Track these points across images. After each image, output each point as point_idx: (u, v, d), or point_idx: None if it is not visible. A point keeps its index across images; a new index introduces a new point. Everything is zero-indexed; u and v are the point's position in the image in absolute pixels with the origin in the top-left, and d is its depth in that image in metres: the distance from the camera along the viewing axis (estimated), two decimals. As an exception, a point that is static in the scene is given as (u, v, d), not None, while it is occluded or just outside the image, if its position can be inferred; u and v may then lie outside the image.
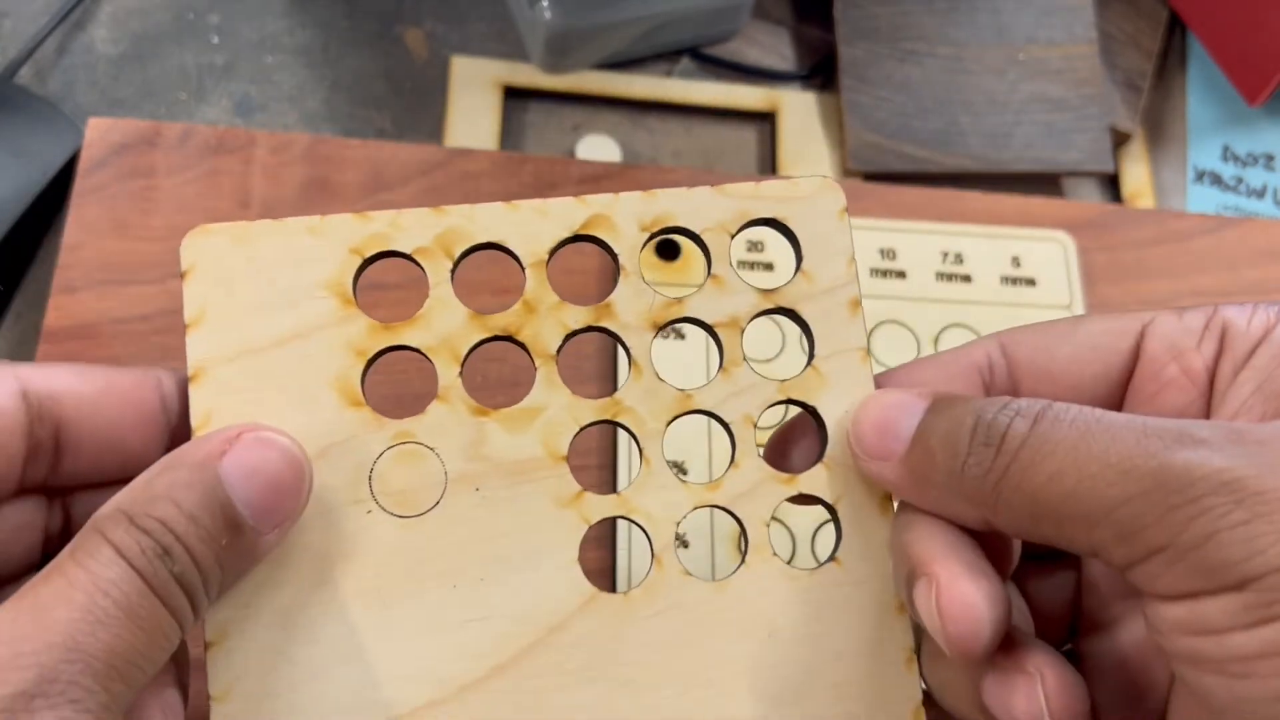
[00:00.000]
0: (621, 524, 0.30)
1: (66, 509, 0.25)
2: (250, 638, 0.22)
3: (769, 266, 0.39)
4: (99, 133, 0.40)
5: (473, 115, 0.47)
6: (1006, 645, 0.21)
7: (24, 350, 0.41)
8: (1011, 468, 0.20)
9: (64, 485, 0.24)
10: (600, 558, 0.35)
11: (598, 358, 0.37)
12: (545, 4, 0.46)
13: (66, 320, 0.37)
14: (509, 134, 0.48)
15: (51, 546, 0.24)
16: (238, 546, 0.21)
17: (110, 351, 0.37)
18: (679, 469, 0.35)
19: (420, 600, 0.23)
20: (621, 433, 0.25)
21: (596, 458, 0.36)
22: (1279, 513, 0.17)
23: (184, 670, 0.23)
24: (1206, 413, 0.23)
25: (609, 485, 0.34)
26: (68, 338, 0.37)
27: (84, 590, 0.19)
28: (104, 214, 0.39)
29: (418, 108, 0.48)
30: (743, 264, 0.39)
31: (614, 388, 0.24)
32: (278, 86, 0.48)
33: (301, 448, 0.22)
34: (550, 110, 0.49)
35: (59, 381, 0.23)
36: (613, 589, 0.32)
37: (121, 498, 0.20)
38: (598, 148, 0.48)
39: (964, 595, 0.21)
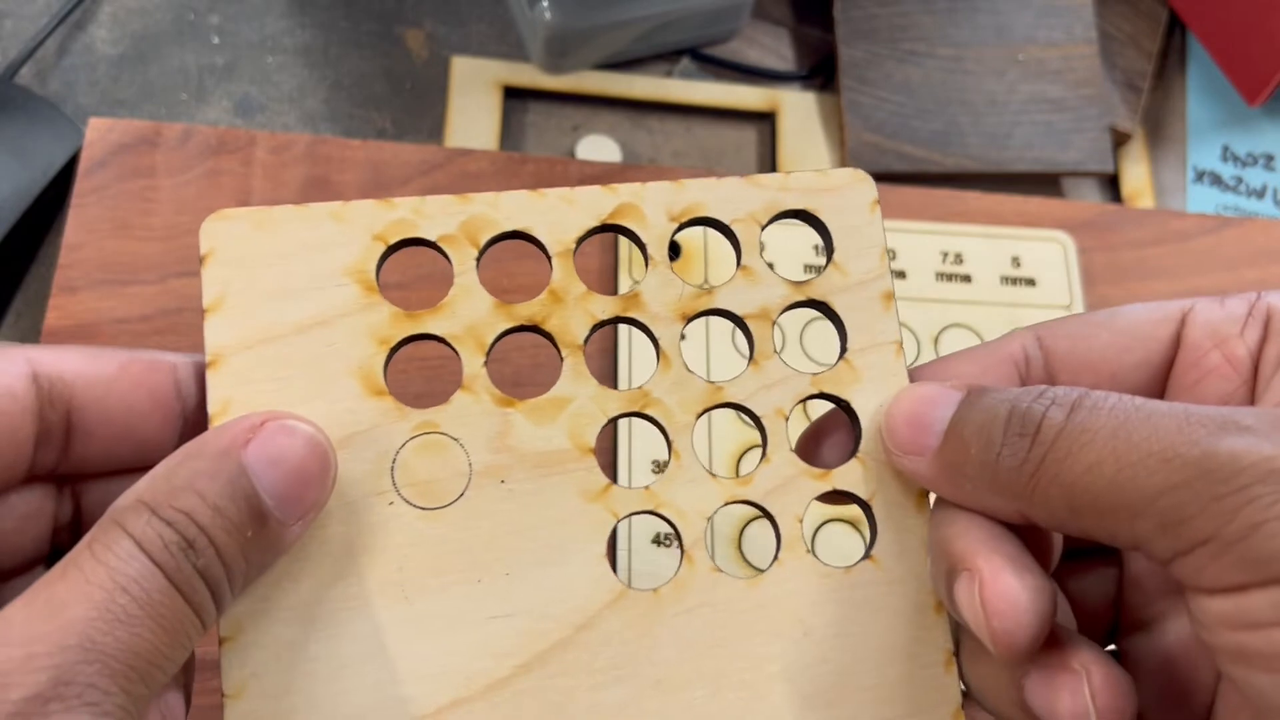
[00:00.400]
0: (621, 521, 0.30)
1: (77, 498, 0.24)
2: (267, 633, 0.22)
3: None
4: (99, 133, 0.40)
5: (473, 115, 0.47)
6: (1050, 642, 0.21)
7: (24, 350, 0.41)
8: (1048, 458, 0.20)
9: (75, 473, 0.23)
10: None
11: (600, 357, 0.37)
12: (545, 4, 0.46)
13: (66, 320, 0.37)
14: (509, 134, 0.48)
15: (61, 538, 0.23)
16: (263, 538, 0.20)
17: (110, 351, 0.37)
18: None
19: (444, 595, 0.22)
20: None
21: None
22: None
23: (188, 672, 0.22)
24: (1251, 401, 0.22)
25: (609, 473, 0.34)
26: (68, 338, 0.37)
27: (102, 587, 0.18)
28: (104, 214, 0.39)
29: (418, 108, 0.48)
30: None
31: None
32: (278, 87, 0.48)
33: (325, 435, 0.21)
34: (550, 110, 0.49)
35: (70, 364, 0.22)
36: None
37: (141, 488, 0.20)
38: (598, 148, 0.48)
39: (1009, 589, 0.20)
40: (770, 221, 0.24)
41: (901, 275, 0.41)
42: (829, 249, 0.24)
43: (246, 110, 0.47)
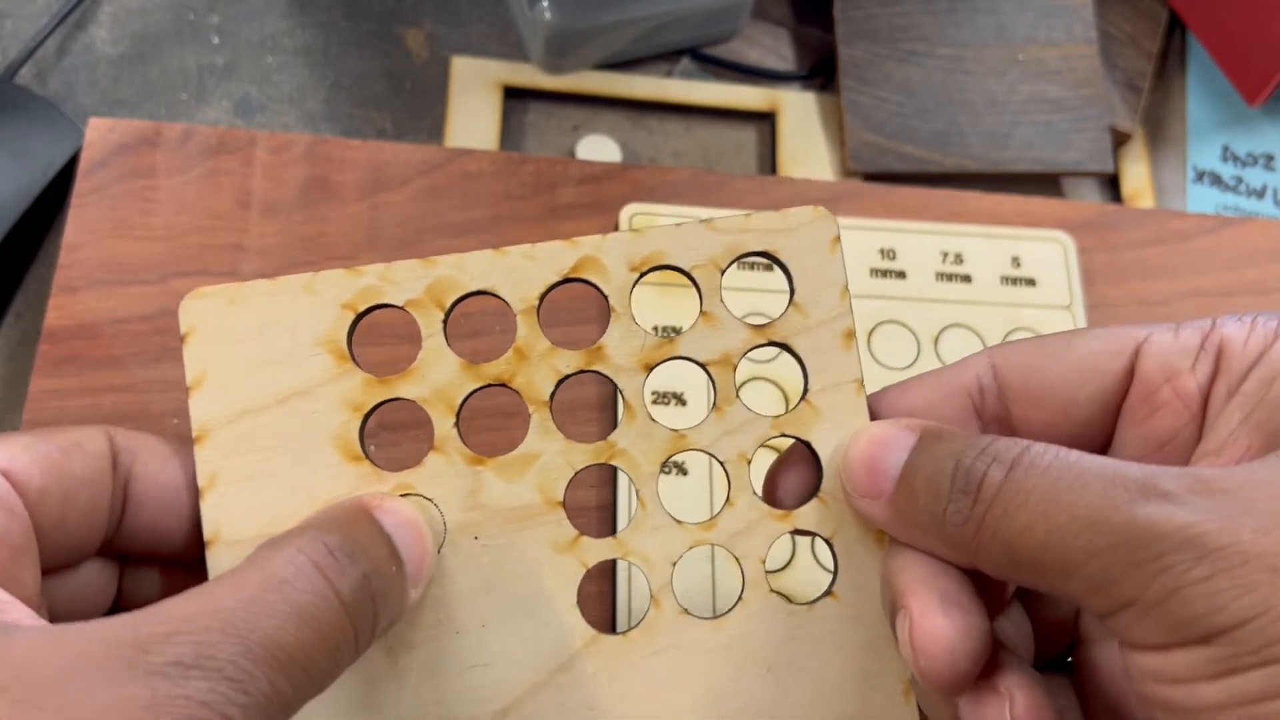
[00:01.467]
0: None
1: (120, 580, 0.25)
2: None
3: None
4: (99, 133, 0.40)
5: (473, 115, 0.47)
6: (986, 667, 0.22)
7: (24, 350, 0.41)
8: (987, 517, 0.20)
9: (122, 549, 0.24)
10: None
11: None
12: (545, 4, 0.46)
13: (67, 320, 0.37)
14: (509, 134, 0.48)
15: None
16: (398, 585, 0.21)
17: (111, 351, 0.37)
18: (679, 400, 0.35)
19: (425, 649, 0.23)
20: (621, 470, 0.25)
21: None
22: (1239, 568, 0.18)
23: None
24: (1198, 437, 0.23)
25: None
26: (68, 338, 0.37)
27: (253, 583, 0.19)
28: (104, 214, 0.39)
29: (418, 108, 0.48)
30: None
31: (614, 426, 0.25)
32: (278, 87, 0.48)
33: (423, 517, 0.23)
34: (550, 110, 0.49)
35: (135, 437, 0.24)
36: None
37: (303, 522, 0.21)
38: (598, 148, 0.48)
39: (935, 629, 0.21)
40: (730, 264, 0.25)
41: (901, 275, 0.41)
42: (790, 289, 0.25)
43: (246, 110, 0.47)
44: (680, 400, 0.36)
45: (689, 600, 0.24)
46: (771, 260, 0.25)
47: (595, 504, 0.35)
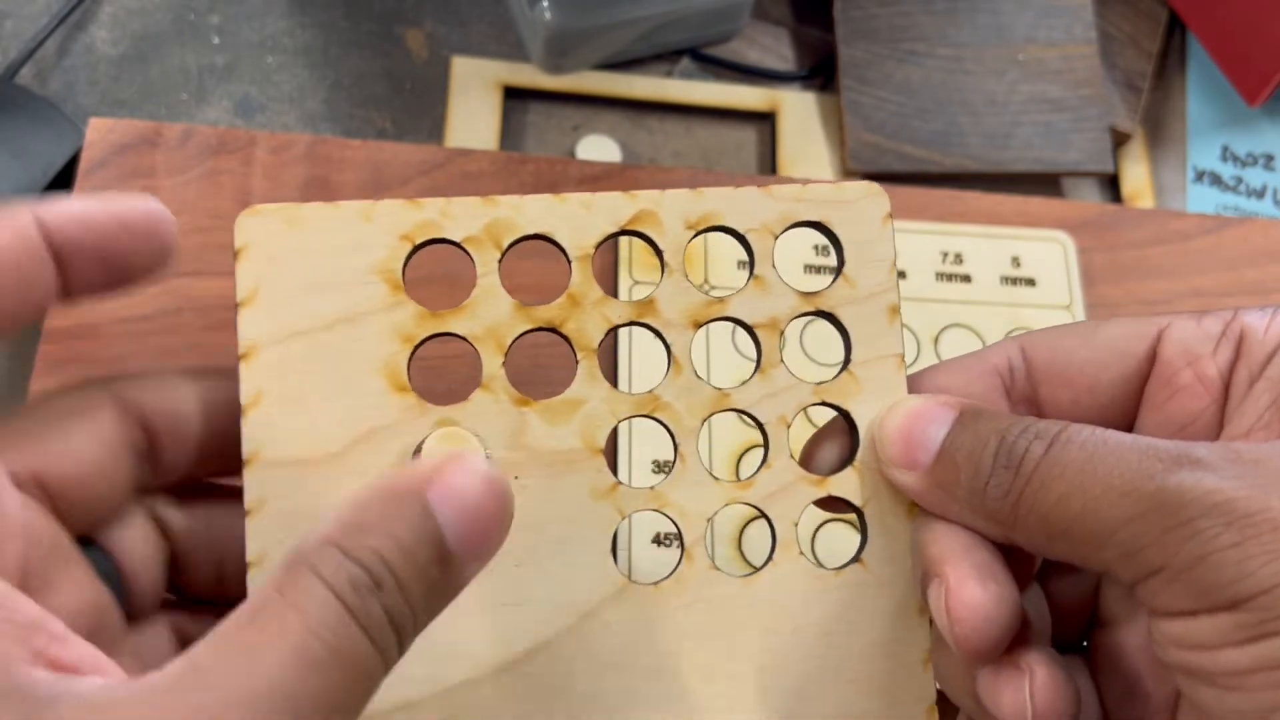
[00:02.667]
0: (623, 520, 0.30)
1: (171, 540, 0.25)
2: None
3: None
4: (100, 133, 0.40)
5: (473, 115, 0.47)
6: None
7: (24, 350, 0.41)
8: (1026, 490, 0.21)
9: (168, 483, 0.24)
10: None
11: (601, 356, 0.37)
12: (545, 4, 0.46)
13: (67, 320, 0.37)
14: (509, 134, 0.48)
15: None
16: (444, 581, 0.20)
17: (112, 351, 0.37)
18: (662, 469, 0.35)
19: None
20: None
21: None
22: (1268, 534, 0.18)
23: None
24: (1220, 420, 0.23)
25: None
26: (68, 337, 0.37)
27: (296, 633, 0.18)
28: (104, 214, 0.39)
29: (418, 108, 0.48)
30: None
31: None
32: (278, 87, 0.48)
33: (504, 478, 0.21)
34: (550, 110, 0.49)
35: (144, 388, 0.23)
36: None
37: (331, 529, 0.19)
38: (598, 148, 0.48)
39: (972, 598, 0.21)
40: (784, 231, 0.25)
41: (902, 275, 0.41)
42: (840, 260, 0.25)
43: (246, 110, 0.47)
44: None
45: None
46: (823, 231, 0.25)
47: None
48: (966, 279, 0.41)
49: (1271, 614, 0.18)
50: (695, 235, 0.25)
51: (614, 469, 0.24)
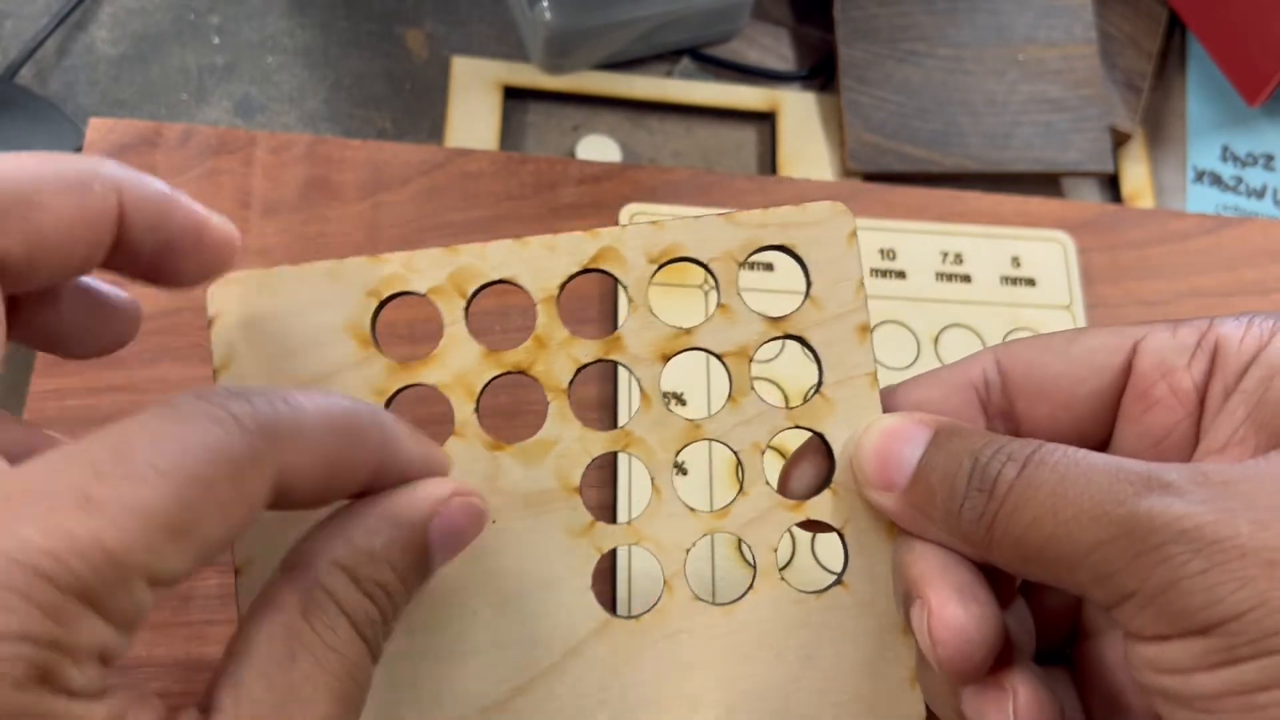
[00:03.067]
0: (621, 549, 0.31)
1: None
2: None
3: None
4: (100, 133, 0.40)
5: (473, 115, 0.47)
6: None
7: (24, 350, 0.41)
8: (1000, 513, 0.21)
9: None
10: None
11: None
12: (545, 4, 0.46)
13: (67, 320, 0.37)
14: (509, 134, 0.48)
15: None
16: (417, 590, 0.22)
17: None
18: (679, 400, 0.36)
19: (444, 630, 0.24)
20: (621, 455, 0.25)
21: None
22: (1236, 561, 0.18)
23: None
24: (1196, 433, 0.23)
25: (609, 510, 0.35)
26: (68, 338, 0.37)
27: (338, 677, 0.19)
28: (104, 214, 0.39)
29: (418, 108, 0.48)
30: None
31: (614, 415, 0.25)
32: (278, 87, 0.48)
33: (486, 506, 0.23)
34: (550, 110, 0.49)
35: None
36: (613, 604, 0.33)
37: (339, 551, 0.20)
38: (598, 148, 0.48)
39: (954, 619, 0.21)
40: (749, 257, 0.25)
41: (901, 275, 0.41)
42: (807, 283, 0.25)
43: (247, 110, 0.47)
44: (680, 400, 0.36)
45: (696, 586, 0.25)
46: (789, 254, 0.25)
47: (595, 503, 0.35)
48: (966, 279, 0.41)
49: (1241, 639, 0.18)
50: (659, 268, 0.25)
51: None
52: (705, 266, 0.25)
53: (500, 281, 0.24)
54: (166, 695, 0.33)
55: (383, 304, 0.24)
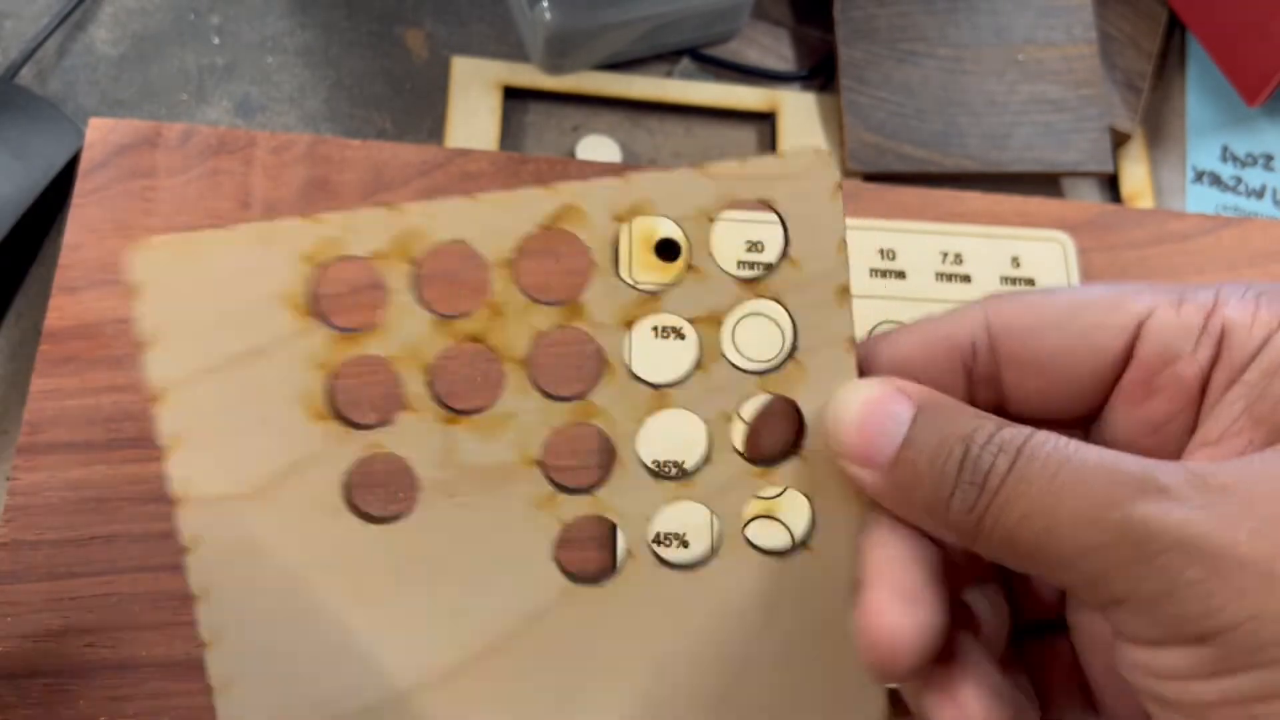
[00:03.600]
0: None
1: None
2: (242, 638, 0.23)
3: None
4: (100, 133, 0.40)
5: (473, 115, 0.47)
6: (943, 665, 0.22)
7: (24, 350, 0.41)
8: (991, 505, 0.20)
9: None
10: (600, 559, 0.35)
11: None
12: (545, 4, 0.46)
13: (67, 320, 0.37)
14: (509, 134, 0.48)
15: None
16: None
17: (112, 352, 0.37)
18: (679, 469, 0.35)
19: (402, 602, 0.23)
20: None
21: (597, 458, 0.36)
22: (1234, 571, 0.18)
23: None
24: (1194, 421, 0.22)
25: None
26: (68, 337, 0.37)
27: None
28: (105, 214, 0.39)
29: (418, 108, 0.48)
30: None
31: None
32: (278, 87, 0.48)
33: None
34: (550, 110, 0.49)
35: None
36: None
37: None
38: (598, 148, 0.48)
39: (889, 624, 0.21)
40: (723, 212, 0.23)
41: (901, 275, 0.41)
42: (785, 240, 0.23)
43: (247, 110, 0.47)
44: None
45: (665, 552, 0.24)
46: (769, 209, 0.23)
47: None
48: (966, 279, 0.41)
49: (1237, 650, 0.18)
50: (627, 227, 0.24)
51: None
52: (676, 224, 0.23)
53: (450, 243, 0.22)
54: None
55: (323, 270, 0.22)
